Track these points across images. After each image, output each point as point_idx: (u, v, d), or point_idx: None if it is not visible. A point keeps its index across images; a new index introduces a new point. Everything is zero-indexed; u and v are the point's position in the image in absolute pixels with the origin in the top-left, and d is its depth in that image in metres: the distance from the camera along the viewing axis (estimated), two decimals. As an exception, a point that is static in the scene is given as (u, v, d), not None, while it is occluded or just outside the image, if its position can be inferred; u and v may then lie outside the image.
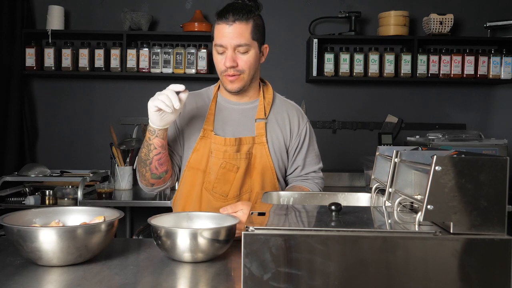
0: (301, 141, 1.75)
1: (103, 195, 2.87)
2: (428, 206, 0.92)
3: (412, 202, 1.13)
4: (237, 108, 1.70)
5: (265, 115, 1.69)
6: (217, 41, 1.58)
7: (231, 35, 1.54)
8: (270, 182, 1.68)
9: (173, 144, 1.70)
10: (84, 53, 3.38)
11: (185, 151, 1.70)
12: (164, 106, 1.44)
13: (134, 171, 3.25)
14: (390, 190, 1.13)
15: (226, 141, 1.62)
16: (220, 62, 1.60)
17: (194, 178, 1.67)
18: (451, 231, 0.92)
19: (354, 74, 3.39)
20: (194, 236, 1.23)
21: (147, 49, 3.37)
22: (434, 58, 3.36)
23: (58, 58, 3.39)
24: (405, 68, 3.35)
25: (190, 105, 1.71)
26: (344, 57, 3.37)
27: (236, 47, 1.56)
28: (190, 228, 1.27)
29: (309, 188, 1.73)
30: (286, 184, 1.80)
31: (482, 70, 3.38)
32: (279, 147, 1.70)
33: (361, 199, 1.42)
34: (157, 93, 1.47)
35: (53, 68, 3.37)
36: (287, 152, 1.74)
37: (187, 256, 1.25)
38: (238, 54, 1.57)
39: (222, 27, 1.56)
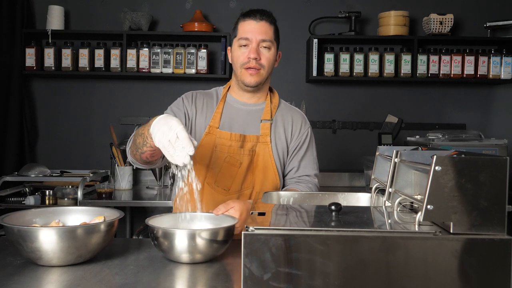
0: (300, 143, 1.79)
1: (103, 195, 2.87)
2: (428, 206, 0.92)
3: (412, 202, 1.13)
4: (244, 109, 1.76)
5: (271, 116, 1.75)
6: (242, 35, 1.66)
7: (258, 30, 1.65)
8: (271, 181, 1.73)
9: None
10: (84, 53, 3.38)
11: None
12: (171, 159, 1.28)
13: (134, 171, 3.25)
14: (390, 190, 1.13)
15: (232, 136, 1.68)
16: (243, 55, 1.66)
17: (198, 173, 1.69)
18: (451, 231, 0.92)
19: (354, 74, 3.38)
20: (192, 237, 1.23)
21: (147, 49, 3.37)
22: (434, 58, 3.36)
23: (58, 58, 3.38)
24: (405, 68, 3.35)
25: (199, 103, 1.75)
26: (344, 57, 3.37)
27: (261, 42, 1.65)
28: (188, 229, 1.27)
29: (301, 191, 1.72)
30: (284, 185, 1.82)
31: (482, 70, 3.38)
32: (282, 147, 1.76)
33: (361, 199, 1.42)
34: (166, 133, 1.27)
35: (53, 68, 3.37)
36: (287, 152, 1.79)
37: (185, 257, 1.25)
38: (261, 50, 1.66)
39: (249, 23, 1.66)
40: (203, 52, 3.36)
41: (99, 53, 3.39)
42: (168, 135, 1.26)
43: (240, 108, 1.75)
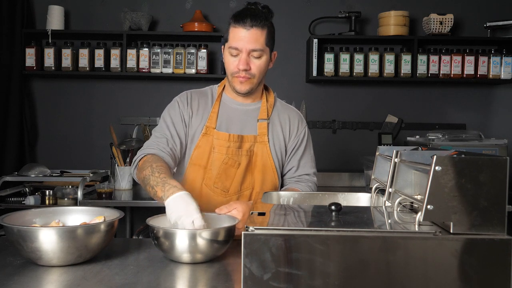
0: (298, 142, 1.79)
1: (103, 195, 2.87)
2: (428, 206, 0.92)
3: (412, 202, 1.13)
4: (240, 109, 1.74)
5: (267, 116, 1.73)
6: (232, 44, 1.61)
7: (247, 39, 1.59)
8: (271, 180, 1.72)
9: (180, 134, 1.70)
10: (84, 53, 3.38)
11: (187, 148, 1.72)
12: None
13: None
14: (390, 190, 1.13)
15: (230, 137, 1.67)
16: (233, 64, 1.62)
17: (195, 175, 1.70)
18: (451, 231, 0.92)
19: (354, 74, 3.38)
20: (193, 237, 1.23)
21: (147, 49, 3.37)
22: (434, 58, 3.36)
23: (58, 58, 3.38)
24: (405, 68, 3.35)
25: (195, 104, 1.73)
26: (344, 57, 3.37)
27: (251, 52, 1.60)
28: (188, 229, 1.27)
29: (302, 190, 1.74)
30: (282, 184, 1.82)
31: (482, 70, 3.38)
32: (279, 146, 1.75)
33: (361, 199, 1.42)
34: (183, 218, 1.30)
35: (53, 68, 3.37)
36: (285, 151, 1.78)
37: (186, 257, 1.25)
38: (251, 58, 1.61)
39: (239, 31, 1.59)
40: (203, 52, 3.36)
41: (99, 53, 3.39)
42: (184, 221, 1.29)
43: (236, 108, 1.74)
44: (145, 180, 1.50)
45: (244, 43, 1.59)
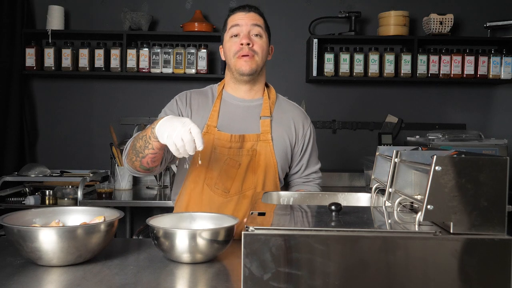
0: (305, 143, 1.79)
1: (103, 195, 2.87)
2: (428, 206, 0.92)
3: (412, 202, 1.13)
4: (242, 105, 1.73)
5: (270, 113, 1.72)
6: (232, 23, 1.67)
7: (247, 18, 1.67)
8: (272, 180, 1.70)
9: None
10: (84, 53, 3.38)
11: None
12: (177, 153, 1.34)
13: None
14: (390, 190, 1.13)
15: (232, 138, 1.65)
16: (235, 44, 1.66)
17: (197, 174, 1.68)
18: (451, 231, 0.92)
19: (354, 74, 3.38)
20: (193, 237, 1.23)
21: (147, 49, 3.37)
22: (434, 58, 3.36)
23: (58, 58, 3.39)
24: (405, 68, 3.35)
25: (194, 103, 1.72)
26: (344, 57, 3.37)
27: (252, 28, 1.65)
28: (188, 229, 1.27)
29: (311, 191, 1.76)
30: (286, 183, 1.81)
31: (482, 70, 3.38)
32: (283, 146, 1.73)
33: (361, 199, 1.42)
34: (179, 128, 1.31)
35: (53, 68, 3.37)
36: (292, 153, 1.76)
37: (186, 257, 1.25)
38: (253, 37, 1.67)
39: (238, 14, 1.68)
40: (203, 52, 3.36)
41: (99, 53, 3.39)
42: (181, 130, 1.30)
43: (238, 105, 1.72)
44: (134, 144, 1.50)
45: (245, 20, 1.66)
